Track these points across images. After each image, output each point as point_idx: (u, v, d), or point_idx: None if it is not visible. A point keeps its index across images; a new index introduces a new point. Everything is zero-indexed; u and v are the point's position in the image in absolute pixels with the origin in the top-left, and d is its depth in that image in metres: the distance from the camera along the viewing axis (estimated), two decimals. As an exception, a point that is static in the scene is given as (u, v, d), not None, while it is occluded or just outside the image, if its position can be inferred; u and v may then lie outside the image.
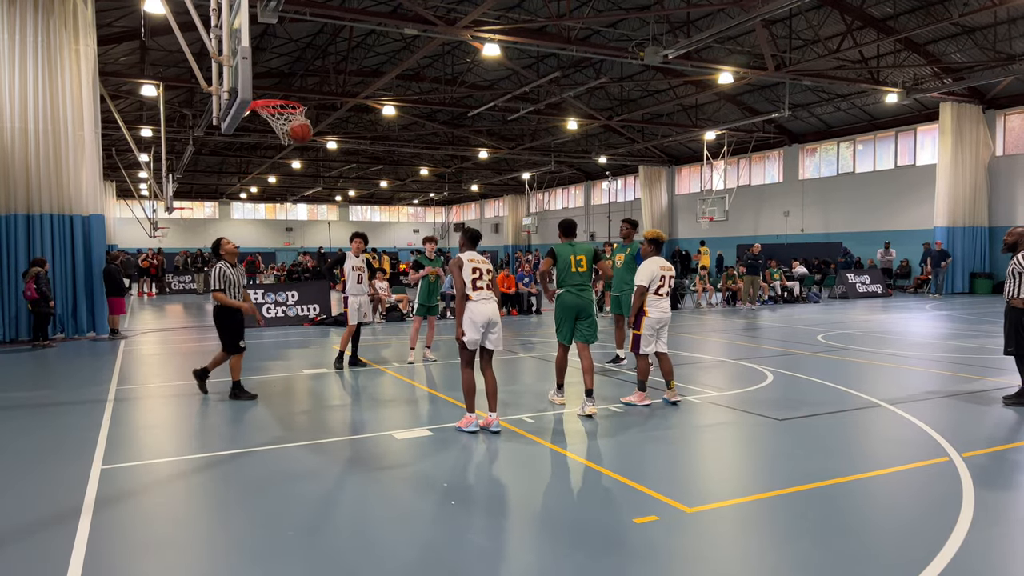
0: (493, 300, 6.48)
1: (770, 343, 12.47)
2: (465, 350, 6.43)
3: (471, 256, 6.54)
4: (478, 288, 6.41)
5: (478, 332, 6.36)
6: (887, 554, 3.89)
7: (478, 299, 6.38)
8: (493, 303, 6.46)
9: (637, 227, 9.92)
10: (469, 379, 6.49)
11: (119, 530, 4.36)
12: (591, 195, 46.02)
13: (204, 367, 8.36)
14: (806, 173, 31.84)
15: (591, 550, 3.99)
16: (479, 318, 6.34)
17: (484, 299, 6.41)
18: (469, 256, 6.54)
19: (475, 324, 6.33)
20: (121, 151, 30.57)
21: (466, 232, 6.79)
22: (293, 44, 25.09)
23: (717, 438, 6.50)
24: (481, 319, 6.34)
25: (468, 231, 6.79)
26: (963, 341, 12.59)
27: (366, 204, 60.93)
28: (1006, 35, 20.67)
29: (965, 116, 24.16)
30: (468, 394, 6.51)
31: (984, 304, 20.27)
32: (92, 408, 7.67)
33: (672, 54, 17.43)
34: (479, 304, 6.37)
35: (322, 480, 5.26)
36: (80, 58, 13.59)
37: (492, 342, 6.45)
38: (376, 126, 34.65)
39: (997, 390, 8.18)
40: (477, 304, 6.36)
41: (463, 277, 6.39)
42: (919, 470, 5.32)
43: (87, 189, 13.90)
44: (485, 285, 6.46)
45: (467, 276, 6.39)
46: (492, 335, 6.43)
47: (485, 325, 6.36)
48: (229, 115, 7.04)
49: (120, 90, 25.03)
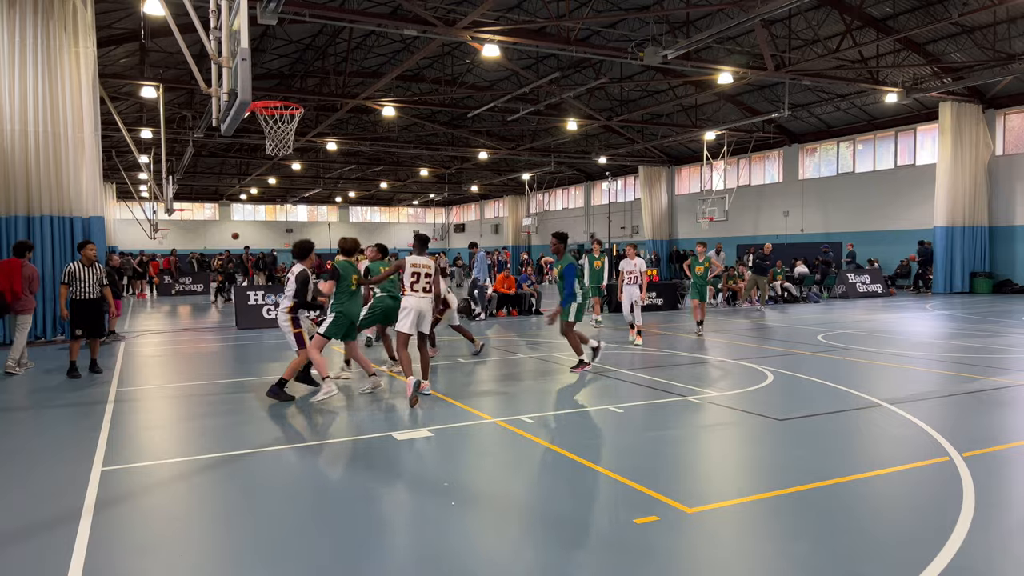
0: (427, 298, 7.98)
1: (770, 343, 12.47)
2: (402, 334, 7.96)
3: (414, 261, 7.96)
4: (415, 290, 7.94)
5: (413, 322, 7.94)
6: (888, 554, 3.89)
7: (411, 295, 7.92)
8: (427, 300, 7.98)
9: (566, 241, 10.02)
10: (406, 354, 8.00)
11: (119, 532, 4.36)
12: (591, 196, 46.04)
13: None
14: (806, 173, 31.85)
15: (592, 550, 3.99)
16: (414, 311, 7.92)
17: (419, 296, 7.93)
18: (412, 261, 7.96)
19: (410, 315, 7.88)
20: (121, 153, 30.60)
21: (416, 236, 8.30)
22: (293, 45, 25.10)
23: (718, 438, 6.50)
24: (415, 311, 7.91)
25: (417, 235, 8.30)
26: (963, 340, 12.59)
27: (366, 205, 60.97)
28: (1006, 34, 20.68)
29: (965, 116, 24.16)
30: (405, 363, 7.88)
31: (984, 303, 20.27)
32: (92, 409, 7.67)
33: (672, 54, 17.44)
34: (412, 299, 7.92)
35: (323, 481, 5.26)
36: (80, 60, 13.59)
37: (424, 327, 8.07)
38: (376, 127, 34.67)
39: (997, 390, 8.18)
40: (410, 299, 7.92)
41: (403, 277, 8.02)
42: (919, 470, 5.32)
43: (87, 191, 13.90)
44: (422, 288, 7.95)
45: (407, 278, 7.94)
46: (423, 324, 8.04)
47: (418, 316, 7.93)
48: (229, 117, 7.04)
49: (120, 92, 25.05)
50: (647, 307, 19.31)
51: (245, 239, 52.57)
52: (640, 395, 8.15)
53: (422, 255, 8.08)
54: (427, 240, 8.33)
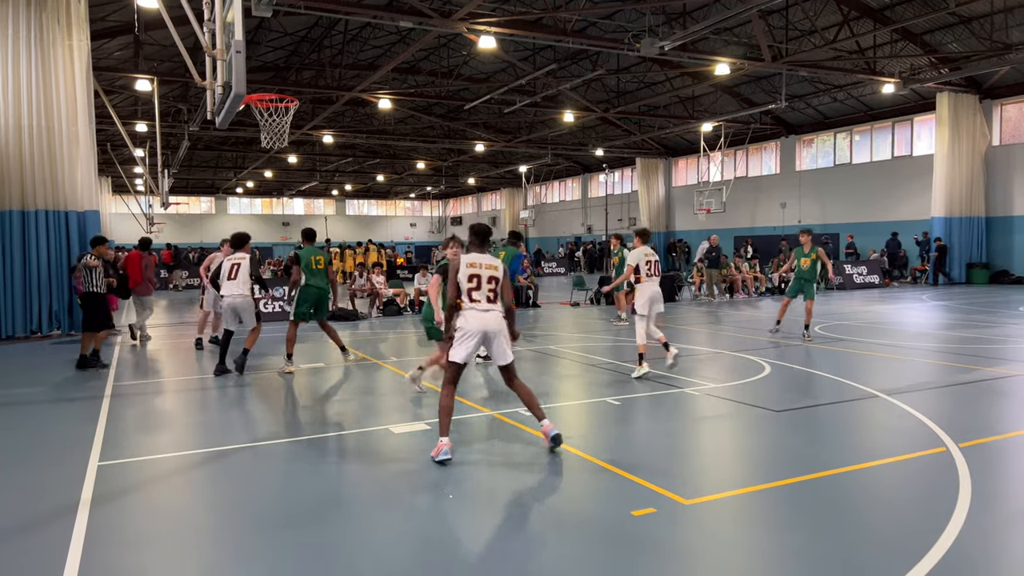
0: (494, 311, 5.60)
1: (767, 335, 12.47)
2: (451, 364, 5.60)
3: (473, 259, 5.67)
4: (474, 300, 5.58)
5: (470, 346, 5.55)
6: (884, 544, 3.90)
7: (470, 309, 5.56)
8: (493, 314, 5.60)
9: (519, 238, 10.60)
10: (446, 398, 5.55)
11: (116, 526, 4.35)
12: (588, 188, 45.97)
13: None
14: (803, 164, 31.82)
15: (590, 543, 3.99)
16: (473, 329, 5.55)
17: (481, 310, 5.56)
18: (470, 260, 5.67)
19: (469, 340, 5.53)
20: (116, 146, 30.45)
21: (473, 229, 5.88)
22: (288, 38, 24.98)
23: (714, 430, 6.50)
24: (477, 333, 5.55)
25: (474, 227, 5.87)
26: (960, 331, 12.61)
27: (363, 198, 60.82)
28: (1003, 24, 20.63)
29: (962, 106, 24.13)
30: (443, 413, 5.52)
31: (982, 294, 20.30)
32: (89, 404, 7.66)
33: (668, 45, 17.38)
34: (471, 314, 5.55)
35: (319, 475, 5.26)
36: (73, 53, 13.52)
37: (497, 354, 5.63)
38: (372, 120, 34.56)
39: (994, 380, 8.19)
40: (469, 315, 5.55)
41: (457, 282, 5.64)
42: (916, 460, 5.33)
43: (82, 185, 13.85)
44: (484, 298, 5.58)
45: (462, 282, 5.61)
46: (494, 349, 5.61)
47: (483, 339, 5.57)
48: (224, 110, 7.01)
49: (114, 85, 24.92)
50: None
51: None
52: (638, 387, 8.16)
53: (483, 252, 5.79)
54: (488, 233, 5.89)
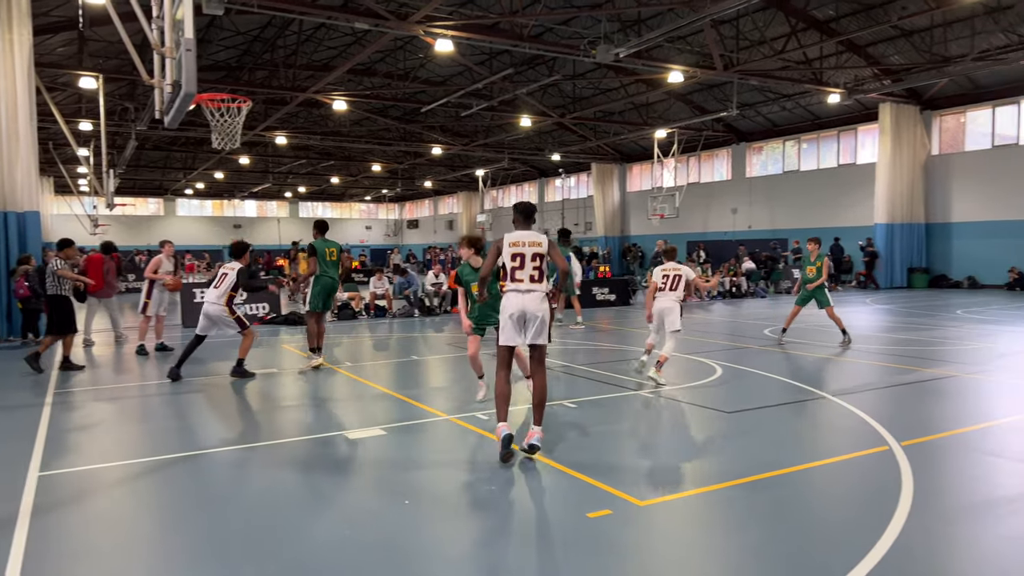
0: (537, 291, 5.48)
1: (718, 337, 12.71)
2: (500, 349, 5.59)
3: (516, 238, 5.56)
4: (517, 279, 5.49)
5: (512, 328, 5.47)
6: (834, 540, 4.01)
7: (511, 290, 5.49)
8: (535, 295, 5.46)
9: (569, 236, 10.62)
10: (501, 384, 5.53)
11: (58, 538, 4.20)
12: (544, 192, 46.19)
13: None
14: (753, 171, 32.55)
15: (545, 545, 4.01)
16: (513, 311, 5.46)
17: (522, 291, 5.46)
18: (513, 239, 5.56)
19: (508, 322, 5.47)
20: (59, 145, 29.45)
21: (517, 207, 5.75)
22: (241, 37, 24.51)
23: (669, 432, 6.60)
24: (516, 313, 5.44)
25: (518, 205, 5.75)
26: (901, 334, 13.04)
27: (317, 200, 60.00)
28: (942, 38, 21.45)
29: (903, 117, 25.03)
30: (499, 400, 5.55)
31: (922, 298, 21.04)
32: (28, 412, 7.37)
33: (623, 52, 17.60)
34: (512, 296, 5.47)
35: (272, 483, 5.16)
36: (14, 48, 13.03)
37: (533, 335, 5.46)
38: (327, 121, 34.11)
39: (933, 380, 8.50)
40: (509, 297, 5.48)
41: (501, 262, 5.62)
42: (861, 459, 5.49)
43: (22, 184, 13.35)
44: (527, 277, 5.47)
45: (506, 261, 5.54)
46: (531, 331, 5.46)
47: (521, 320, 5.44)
48: (173, 109, 6.83)
49: (57, 82, 24.07)
50: (600, 302, 19.51)
51: (191, 235, 51.31)
52: (593, 390, 8.23)
53: (527, 229, 5.68)
54: (533, 210, 5.78)
